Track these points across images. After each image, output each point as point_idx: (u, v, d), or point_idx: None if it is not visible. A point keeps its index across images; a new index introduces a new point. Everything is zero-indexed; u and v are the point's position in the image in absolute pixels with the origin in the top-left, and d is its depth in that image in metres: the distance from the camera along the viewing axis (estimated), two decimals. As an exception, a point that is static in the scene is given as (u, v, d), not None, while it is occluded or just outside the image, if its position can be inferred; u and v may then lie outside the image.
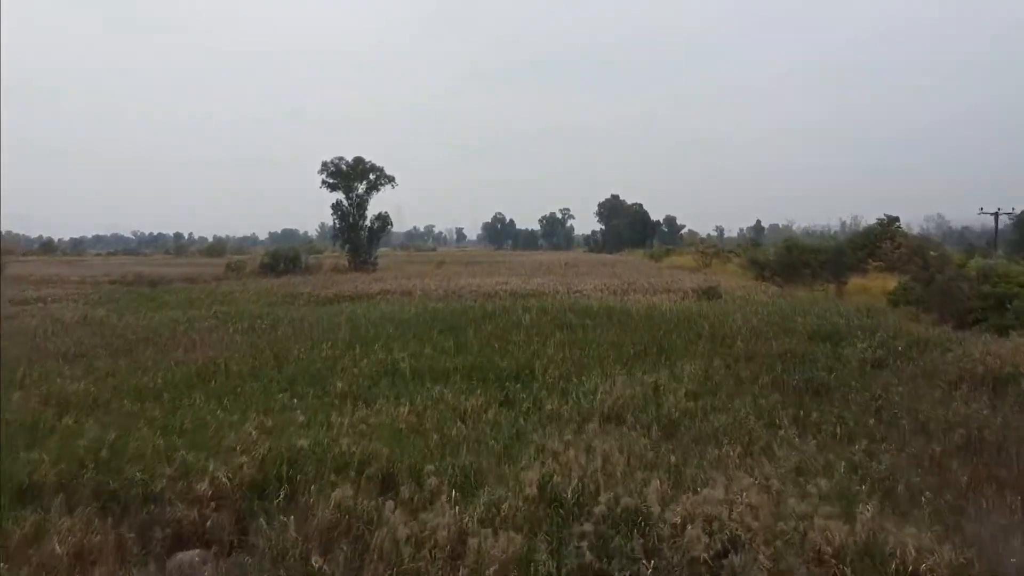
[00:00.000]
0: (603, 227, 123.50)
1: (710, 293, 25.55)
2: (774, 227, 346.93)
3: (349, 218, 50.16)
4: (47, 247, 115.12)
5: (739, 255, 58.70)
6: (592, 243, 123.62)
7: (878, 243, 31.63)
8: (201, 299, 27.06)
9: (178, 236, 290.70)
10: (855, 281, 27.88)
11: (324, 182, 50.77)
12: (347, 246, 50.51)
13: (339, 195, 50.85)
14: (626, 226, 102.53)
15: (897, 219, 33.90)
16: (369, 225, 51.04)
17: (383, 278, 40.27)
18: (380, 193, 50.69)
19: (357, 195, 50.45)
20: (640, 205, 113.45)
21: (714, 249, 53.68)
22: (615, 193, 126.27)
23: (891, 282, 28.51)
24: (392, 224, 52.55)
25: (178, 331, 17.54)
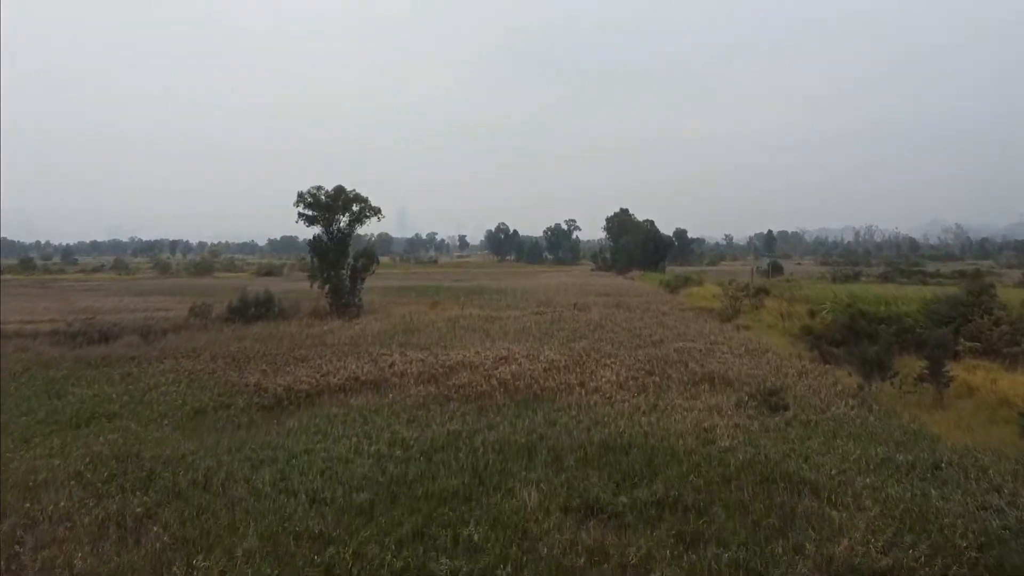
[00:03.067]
0: (612, 244, 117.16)
1: (773, 402, 19.44)
2: (783, 234, 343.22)
3: (329, 255, 44.08)
4: (25, 264, 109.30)
5: (767, 290, 52.52)
6: (600, 260, 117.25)
7: (968, 316, 25.43)
8: (111, 400, 21.04)
9: (173, 245, 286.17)
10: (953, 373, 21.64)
11: (301, 215, 44.73)
12: (327, 287, 44.40)
13: (318, 229, 44.82)
14: (637, 245, 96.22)
15: (992, 285, 27.67)
16: (352, 263, 44.96)
17: (361, 337, 34.19)
18: (365, 226, 44.67)
19: (338, 229, 44.38)
20: (651, 222, 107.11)
21: (743, 292, 47.41)
22: (624, 207, 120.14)
23: (999, 375, 22.36)
24: (378, 262, 46.42)
25: None
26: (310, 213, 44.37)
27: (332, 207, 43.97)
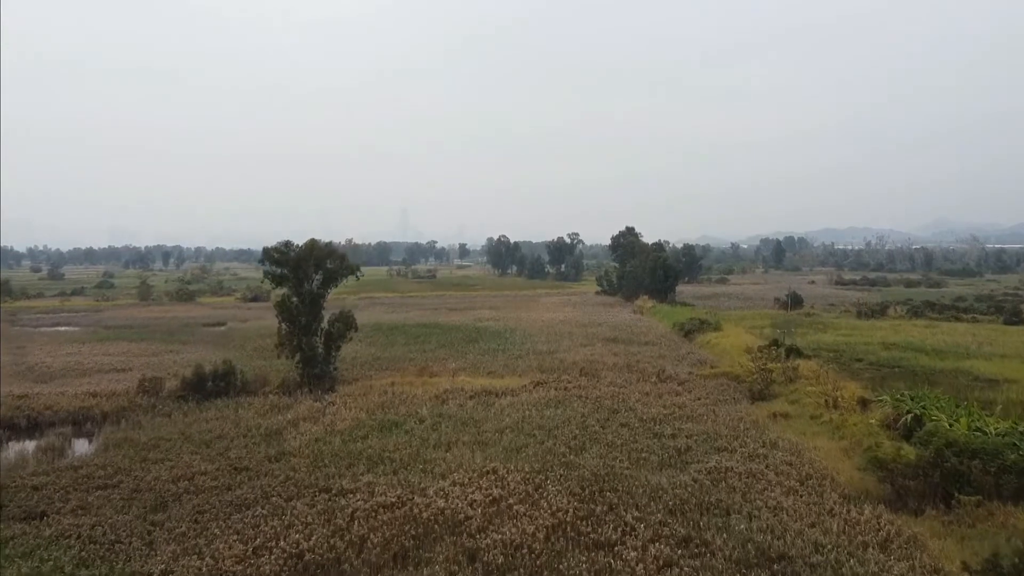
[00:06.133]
0: (618, 266, 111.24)
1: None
2: (789, 240, 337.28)
3: (300, 320, 38.38)
4: (2, 289, 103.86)
5: (799, 350, 46.66)
6: (606, 283, 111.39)
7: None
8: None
9: (167, 254, 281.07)
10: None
11: (267, 274, 39.11)
12: (297, 355, 38.68)
13: (287, 290, 39.13)
14: (646, 272, 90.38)
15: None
16: (327, 328, 39.25)
17: (327, 439, 28.50)
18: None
19: (309, 291, 38.66)
20: (659, 245, 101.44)
21: (774, 356, 41.55)
22: (630, 226, 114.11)
23: None
24: (356, 327, 40.63)
25: None
26: (277, 271, 38.71)
27: (303, 265, 38.25)
